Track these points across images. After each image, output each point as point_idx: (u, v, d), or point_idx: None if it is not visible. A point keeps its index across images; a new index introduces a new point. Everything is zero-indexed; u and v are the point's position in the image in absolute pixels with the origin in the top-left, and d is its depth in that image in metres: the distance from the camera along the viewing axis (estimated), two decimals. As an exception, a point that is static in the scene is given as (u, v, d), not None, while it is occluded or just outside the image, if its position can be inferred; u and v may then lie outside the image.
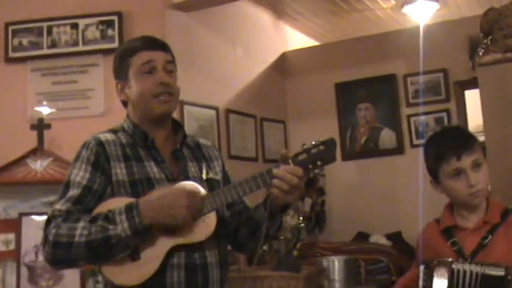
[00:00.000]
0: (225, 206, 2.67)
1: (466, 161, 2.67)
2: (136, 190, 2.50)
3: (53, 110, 5.10)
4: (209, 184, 2.61)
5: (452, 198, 2.79)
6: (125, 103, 2.72)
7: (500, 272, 2.50)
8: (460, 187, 2.69)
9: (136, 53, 2.61)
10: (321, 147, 2.42)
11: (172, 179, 2.56)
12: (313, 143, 2.43)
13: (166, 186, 2.51)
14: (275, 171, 2.39)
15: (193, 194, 2.42)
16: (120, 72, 2.67)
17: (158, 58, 2.62)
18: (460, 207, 2.79)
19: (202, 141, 2.90)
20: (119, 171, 2.53)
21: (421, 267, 2.70)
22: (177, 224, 2.39)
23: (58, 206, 2.45)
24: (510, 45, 4.27)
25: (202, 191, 2.49)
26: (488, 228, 2.70)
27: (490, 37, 4.49)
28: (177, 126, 2.77)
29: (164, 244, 2.43)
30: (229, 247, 2.81)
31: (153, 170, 2.57)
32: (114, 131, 2.67)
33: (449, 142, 2.75)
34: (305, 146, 2.43)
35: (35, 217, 4.61)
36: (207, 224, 2.47)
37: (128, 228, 2.33)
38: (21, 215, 4.70)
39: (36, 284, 4.58)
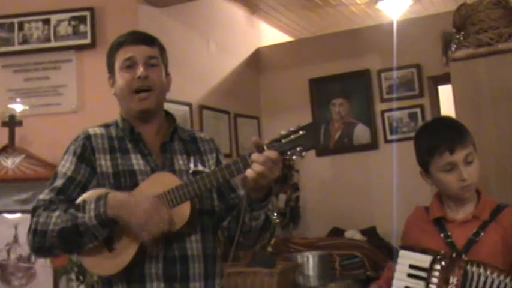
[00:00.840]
0: (218, 199, 2.69)
1: (459, 156, 2.68)
2: (119, 181, 2.55)
3: (25, 106, 5.06)
4: (195, 176, 2.53)
5: (443, 190, 2.80)
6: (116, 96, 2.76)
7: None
8: (452, 180, 2.70)
9: (120, 48, 2.65)
10: (300, 132, 2.33)
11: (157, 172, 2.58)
12: (291, 129, 2.35)
13: (146, 179, 2.54)
14: (253, 156, 2.33)
15: (159, 205, 2.40)
16: (109, 67, 2.73)
17: (139, 53, 2.64)
18: (449, 199, 2.80)
19: (199, 134, 2.89)
20: (104, 163, 2.59)
21: (418, 255, 2.67)
22: (131, 226, 2.39)
23: (42, 196, 2.56)
24: (482, 40, 4.29)
25: (177, 181, 2.48)
26: (477, 223, 2.71)
27: (462, 32, 4.51)
28: (170, 118, 2.79)
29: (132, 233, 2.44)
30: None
31: (139, 162, 2.61)
32: (106, 126, 2.74)
33: (443, 135, 2.74)
34: (283, 132, 2.36)
35: (7, 215, 4.58)
36: (181, 214, 2.45)
37: (94, 218, 2.37)
38: (-7, 213, 4.67)
39: (8, 282, 4.55)
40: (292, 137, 2.34)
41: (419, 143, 2.84)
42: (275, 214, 5.37)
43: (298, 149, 2.33)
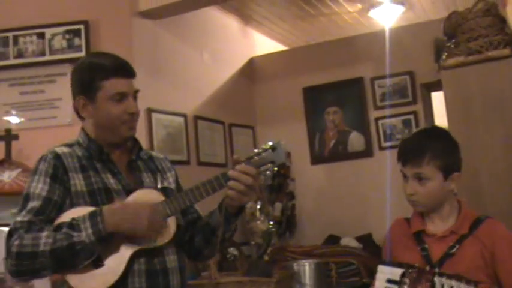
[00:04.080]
0: (181, 214, 2.77)
1: (409, 171, 2.76)
2: (95, 200, 2.57)
3: (21, 120, 5.08)
4: (165, 193, 2.68)
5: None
6: (81, 117, 2.77)
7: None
8: (405, 190, 2.78)
9: (108, 78, 2.64)
10: (271, 150, 2.57)
11: (129, 190, 2.63)
12: (263, 147, 2.59)
13: (125, 197, 2.60)
14: (230, 172, 2.53)
15: (155, 207, 2.51)
16: (87, 90, 2.68)
17: (131, 88, 2.69)
18: (430, 213, 2.83)
19: (154, 153, 3.00)
20: (78, 182, 2.60)
21: (395, 269, 2.69)
22: (137, 233, 2.47)
23: (20, 218, 2.50)
24: (473, 49, 4.34)
25: (161, 197, 2.60)
26: (455, 237, 2.73)
27: (453, 40, 4.55)
28: (132, 138, 2.84)
29: (126, 250, 2.51)
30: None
31: (110, 181, 2.65)
32: (69, 145, 2.74)
33: (404, 147, 2.84)
34: (256, 150, 2.59)
35: (4, 228, 4.58)
36: (167, 229, 2.56)
37: (92, 235, 2.39)
38: (-10, 226, 4.68)
39: (6, 296, 4.56)
40: (263, 154, 2.57)
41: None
42: (271, 223, 5.42)
43: (269, 164, 2.57)
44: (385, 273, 2.72)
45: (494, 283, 2.63)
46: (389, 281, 2.68)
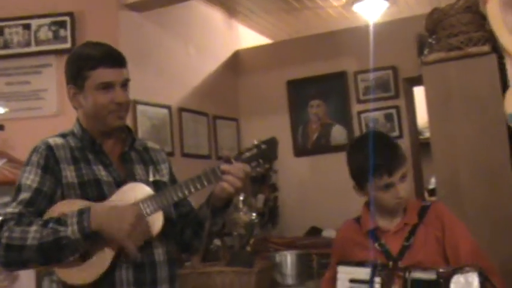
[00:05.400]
0: (173, 207, 2.79)
1: (397, 176, 2.76)
2: (86, 192, 2.60)
3: (6, 110, 5.10)
4: (156, 186, 2.71)
5: (378, 205, 2.86)
6: (75, 107, 2.78)
7: (431, 276, 2.58)
8: (388, 198, 2.79)
9: (96, 68, 2.64)
10: (263, 146, 2.55)
11: (120, 182, 2.65)
12: (255, 142, 2.57)
13: (116, 189, 2.62)
14: (223, 166, 2.52)
15: (141, 215, 2.52)
16: (75, 80, 2.70)
17: (118, 77, 2.67)
18: (382, 211, 2.88)
19: (150, 144, 2.98)
20: (69, 174, 2.62)
21: (357, 269, 2.76)
22: (116, 239, 2.47)
23: (10, 209, 2.54)
24: (453, 45, 4.39)
25: (150, 191, 2.61)
26: (408, 229, 2.81)
27: (434, 36, 4.61)
28: (126, 129, 2.85)
29: (113, 244, 2.52)
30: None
31: (101, 173, 2.67)
32: (63, 135, 2.75)
33: (382, 158, 2.77)
34: (248, 146, 2.57)
35: (-11, 217, 4.61)
36: (154, 223, 2.57)
37: (77, 231, 2.42)
38: (-24, 215, 4.70)
39: (-9, 284, 4.59)
40: (255, 150, 2.55)
41: (355, 162, 2.88)
42: (254, 214, 5.47)
43: (261, 161, 2.55)
44: (346, 273, 2.77)
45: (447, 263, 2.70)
46: (353, 280, 2.74)
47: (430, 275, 2.57)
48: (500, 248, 4.06)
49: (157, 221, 2.58)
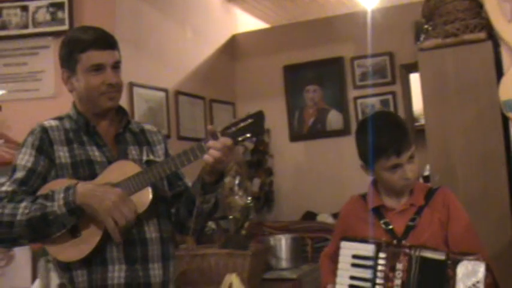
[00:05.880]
0: (168, 186, 2.84)
1: (405, 157, 2.75)
2: (77, 172, 2.66)
3: (4, 92, 5.11)
4: (148, 166, 2.72)
5: (385, 185, 2.88)
6: (69, 90, 2.82)
7: (441, 257, 2.59)
8: (396, 179, 2.79)
9: (86, 51, 2.69)
10: (249, 120, 2.54)
11: (113, 162, 2.70)
12: (242, 117, 2.57)
13: (108, 168, 2.66)
14: (209, 142, 2.53)
15: (124, 195, 2.55)
16: (68, 63, 2.76)
17: (108, 58, 2.72)
18: (389, 191, 2.89)
19: (147, 126, 3.03)
20: (62, 154, 2.69)
21: (361, 245, 2.76)
22: (99, 214, 2.51)
23: (4, 188, 2.61)
24: (449, 31, 4.42)
25: (138, 168, 2.64)
26: (414, 210, 2.82)
27: (431, 23, 4.63)
28: (121, 111, 2.89)
29: (102, 222, 2.56)
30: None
31: (95, 153, 2.73)
32: (60, 118, 2.82)
33: (390, 138, 2.77)
34: (233, 121, 2.57)
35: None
36: (142, 199, 2.60)
37: (63, 206, 2.48)
38: (-28, 196, 4.73)
39: (-13, 264, 4.63)
40: (242, 124, 2.55)
41: (363, 141, 2.87)
42: (249, 198, 5.50)
43: (248, 135, 2.54)
44: (349, 248, 2.76)
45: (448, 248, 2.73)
46: (356, 256, 2.73)
47: (439, 256, 2.59)
48: (494, 234, 4.10)
49: (144, 198, 2.61)
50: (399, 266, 2.64)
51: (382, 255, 2.67)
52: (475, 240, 2.82)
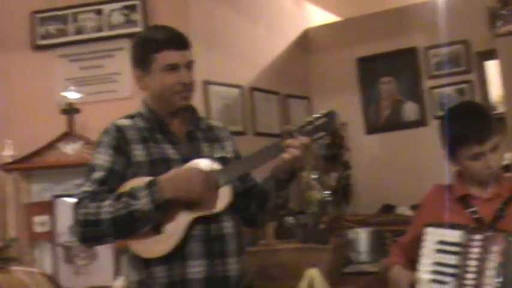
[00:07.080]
0: (239, 182, 2.87)
1: (488, 146, 2.74)
2: (154, 169, 2.69)
3: (82, 94, 5.20)
4: (221, 162, 2.77)
5: (469, 174, 2.86)
6: (142, 89, 2.90)
7: None
8: (478, 168, 2.78)
9: (161, 51, 2.75)
10: (323, 119, 2.61)
11: (187, 159, 2.74)
12: (315, 116, 2.63)
13: (181, 166, 2.70)
14: (289, 140, 2.59)
15: (208, 171, 2.61)
16: (142, 63, 2.82)
17: (183, 59, 2.78)
18: (473, 180, 2.87)
19: (214, 123, 3.10)
20: (138, 153, 2.74)
21: (447, 231, 2.75)
22: (193, 198, 2.58)
23: (85, 188, 2.66)
24: (527, 16, 4.33)
25: (217, 166, 2.70)
26: (501, 200, 2.79)
27: (507, 7, 4.54)
28: (190, 109, 2.94)
29: (184, 217, 2.64)
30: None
31: (170, 151, 2.78)
32: (131, 117, 2.88)
33: (474, 126, 2.77)
34: (308, 119, 2.63)
35: (68, 199, 4.73)
36: (223, 197, 2.68)
37: (150, 202, 2.53)
38: (55, 197, 4.85)
39: (72, 263, 4.73)
40: (316, 123, 2.61)
41: (448, 130, 2.85)
42: (327, 192, 5.49)
43: (323, 133, 2.61)
44: (436, 235, 2.76)
45: None
46: (442, 242, 2.72)
47: None
48: None
49: (225, 195, 2.69)
50: (495, 248, 2.60)
51: (477, 236, 2.65)
52: None
